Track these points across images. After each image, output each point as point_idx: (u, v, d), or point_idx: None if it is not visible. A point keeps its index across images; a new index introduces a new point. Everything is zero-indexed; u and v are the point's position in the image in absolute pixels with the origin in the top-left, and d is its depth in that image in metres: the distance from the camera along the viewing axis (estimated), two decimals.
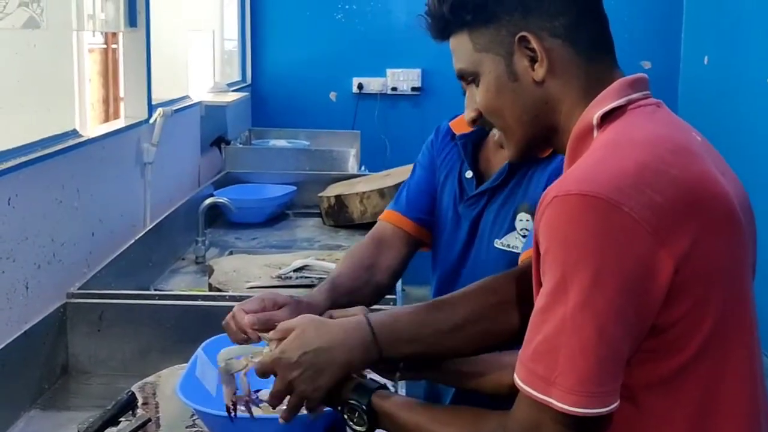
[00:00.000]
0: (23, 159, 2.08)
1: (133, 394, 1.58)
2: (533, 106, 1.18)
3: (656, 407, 1.06)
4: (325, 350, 1.25)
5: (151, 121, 3.06)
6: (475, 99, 1.24)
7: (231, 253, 3.07)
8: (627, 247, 1.00)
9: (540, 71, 1.16)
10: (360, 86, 5.05)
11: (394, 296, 2.18)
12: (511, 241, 1.64)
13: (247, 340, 1.45)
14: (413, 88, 5.04)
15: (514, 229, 1.64)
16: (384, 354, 1.27)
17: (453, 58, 1.24)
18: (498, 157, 1.73)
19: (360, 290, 1.70)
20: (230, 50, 5.05)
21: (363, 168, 4.18)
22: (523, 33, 1.15)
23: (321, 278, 2.31)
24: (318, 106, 5.07)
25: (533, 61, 1.16)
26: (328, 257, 2.50)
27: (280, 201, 3.60)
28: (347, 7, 5.06)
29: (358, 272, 1.72)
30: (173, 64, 3.91)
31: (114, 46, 4.81)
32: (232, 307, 2.03)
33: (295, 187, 3.68)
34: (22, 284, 2.01)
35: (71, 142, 2.44)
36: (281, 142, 4.48)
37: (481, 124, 1.27)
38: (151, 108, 3.10)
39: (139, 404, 1.58)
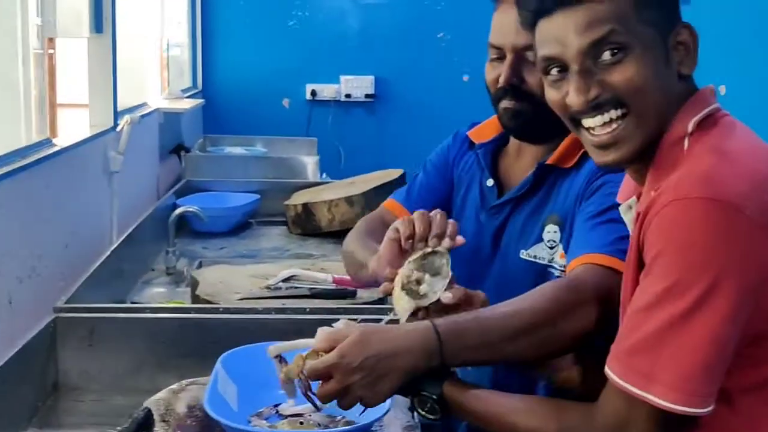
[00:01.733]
0: (1, 171, 2.01)
1: (149, 410, 1.53)
2: (671, 99, 1.14)
3: (752, 410, 1.07)
4: (388, 356, 1.19)
5: (118, 129, 2.99)
6: (593, 77, 1.13)
7: (201, 263, 3.02)
8: (749, 251, 1.01)
9: (691, 65, 1.14)
10: (313, 93, 5.03)
11: None
12: (539, 252, 1.60)
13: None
14: (367, 95, 5.03)
15: (541, 240, 1.60)
16: (446, 361, 1.22)
17: (588, 25, 1.12)
18: (518, 166, 1.70)
19: None
20: (174, 56, 4.96)
21: (324, 176, 4.16)
22: (684, 23, 1.14)
23: (311, 287, 2.28)
24: (271, 112, 5.02)
25: (679, 53, 1.14)
26: (313, 267, 2.48)
27: (245, 209, 3.55)
28: (300, 13, 5.02)
29: None
30: (122, 71, 3.82)
31: (51, 51, 4.68)
32: (226, 319, 2.02)
33: (258, 196, 3.64)
34: (6, 300, 1.94)
35: (47, 152, 2.37)
36: (238, 150, 4.42)
37: (596, 106, 1.14)
38: (117, 115, 3.03)
39: (157, 421, 1.53)
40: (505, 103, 1.61)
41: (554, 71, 1.17)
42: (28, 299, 2.12)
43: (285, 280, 2.32)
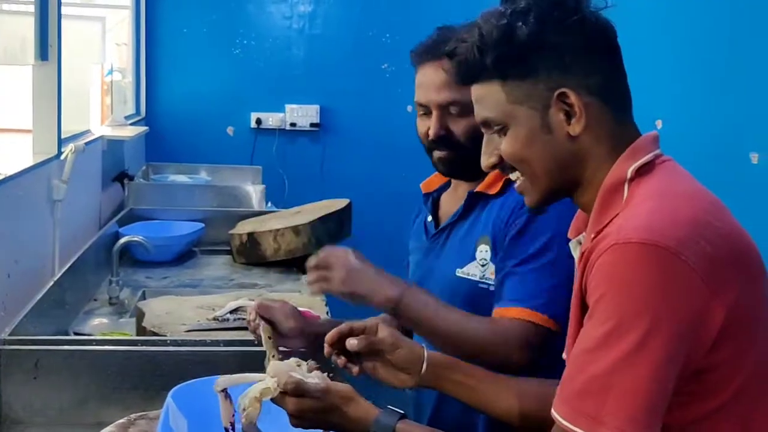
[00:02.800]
0: None
1: None
2: (563, 158, 1.22)
3: None
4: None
5: (62, 157, 2.97)
6: (494, 145, 1.27)
7: (144, 293, 2.99)
8: (684, 295, 1.05)
9: (577, 127, 1.20)
10: (258, 121, 5.03)
11: None
12: (471, 270, 1.73)
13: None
14: (312, 124, 5.05)
15: (474, 259, 1.73)
16: (402, 301, 1.59)
17: (476, 105, 1.28)
18: (454, 200, 1.85)
19: None
20: (117, 83, 4.92)
21: (269, 204, 4.15)
22: (563, 89, 1.19)
23: None
24: (215, 140, 5.00)
25: (569, 116, 1.20)
26: (259, 298, 2.47)
27: (189, 239, 3.52)
28: (245, 42, 5.03)
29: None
30: (65, 98, 3.79)
31: None
32: (174, 352, 2.01)
33: (203, 224, 3.62)
34: None
35: None
36: (182, 178, 4.40)
37: (500, 169, 1.31)
38: (61, 143, 3.00)
39: None
40: (437, 153, 1.78)
41: None
42: None
43: (232, 312, 2.32)
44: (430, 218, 1.89)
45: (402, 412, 1.34)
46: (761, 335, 1.13)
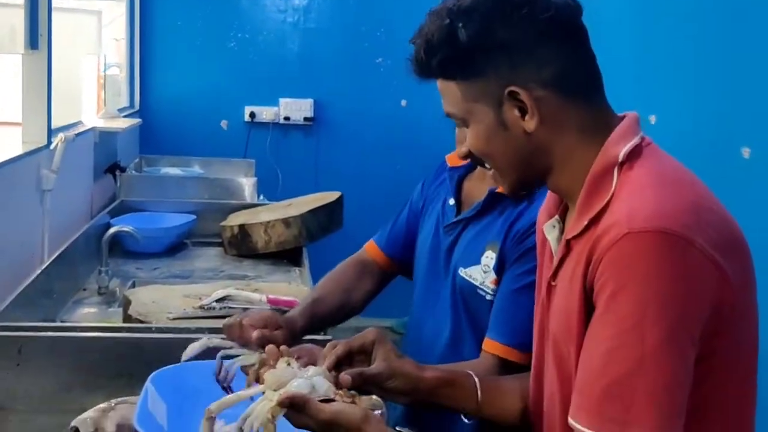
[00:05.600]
0: None
1: (76, 430, 1.51)
2: (524, 153, 1.20)
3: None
4: None
5: (52, 147, 2.96)
6: (464, 135, 1.26)
7: (134, 284, 2.99)
8: (703, 284, 1.03)
9: (531, 123, 1.17)
10: (252, 115, 5.02)
11: None
12: (474, 273, 1.68)
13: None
14: (306, 118, 5.05)
15: (479, 263, 1.68)
16: None
17: (441, 98, 1.26)
18: (479, 189, 1.78)
19: (336, 313, 1.87)
20: (111, 75, 4.93)
21: (261, 197, 4.15)
22: (512, 87, 1.15)
23: (245, 308, 2.27)
24: (209, 134, 5.01)
25: (523, 112, 1.17)
26: (247, 287, 2.47)
27: (180, 230, 3.52)
28: (240, 35, 5.03)
29: (338, 295, 1.89)
30: (58, 89, 3.79)
31: None
32: (159, 339, 2.00)
33: (194, 216, 3.61)
34: None
35: None
36: (174, 170, 4.39)
37: (474, 160, 1.32)
38: (51, 133, 3.00)
39: None
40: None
41: None
42: None
43: (218, 301, 2.31)
44: (452, 201, 1.82)
45: None
46: (754, 318, 1.12)
